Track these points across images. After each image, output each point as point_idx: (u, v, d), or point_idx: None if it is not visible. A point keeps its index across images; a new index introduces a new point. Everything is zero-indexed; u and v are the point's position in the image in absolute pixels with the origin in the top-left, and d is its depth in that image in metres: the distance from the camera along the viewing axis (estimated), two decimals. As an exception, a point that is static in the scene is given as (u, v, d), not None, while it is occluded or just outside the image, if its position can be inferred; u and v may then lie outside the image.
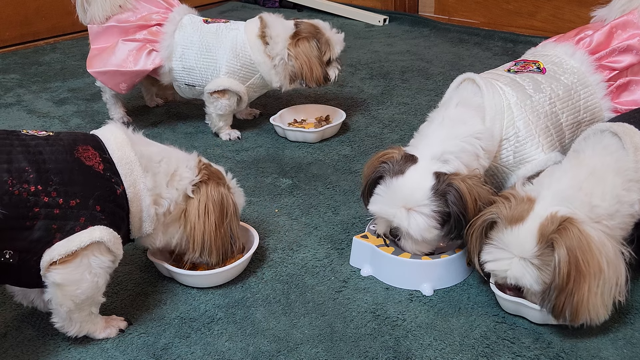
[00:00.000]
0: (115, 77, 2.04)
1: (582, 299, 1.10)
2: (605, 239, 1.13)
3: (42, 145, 1.13)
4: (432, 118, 1.43)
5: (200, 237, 1.29)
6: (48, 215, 1.08)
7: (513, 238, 1.16)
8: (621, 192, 1.20)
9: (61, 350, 1.22)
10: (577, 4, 2.94)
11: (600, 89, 1.50)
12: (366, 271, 1.41)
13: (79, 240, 1.10)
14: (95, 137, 1.23)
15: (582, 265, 1.09)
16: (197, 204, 1.28)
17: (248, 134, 2.15)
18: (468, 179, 1.28)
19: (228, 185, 1.36)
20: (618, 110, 1.48)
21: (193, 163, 1.31)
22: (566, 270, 1.10)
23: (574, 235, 1.10)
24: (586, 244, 1.10)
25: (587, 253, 1.10)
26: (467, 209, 1.26)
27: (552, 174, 1.25)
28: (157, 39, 2.03)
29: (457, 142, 1.33)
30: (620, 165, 1.22)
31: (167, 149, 1.33)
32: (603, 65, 1.50)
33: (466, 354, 1.17)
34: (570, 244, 1.10)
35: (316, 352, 1.19)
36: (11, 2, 3.18)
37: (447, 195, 1.27)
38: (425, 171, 1.30)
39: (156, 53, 2.03)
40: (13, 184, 1.06)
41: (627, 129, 1.26)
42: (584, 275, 1.09)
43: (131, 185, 1.19)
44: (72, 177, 1.12)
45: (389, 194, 1.31)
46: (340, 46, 2.07)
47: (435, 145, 1.33)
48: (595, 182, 1.19)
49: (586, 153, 1.27)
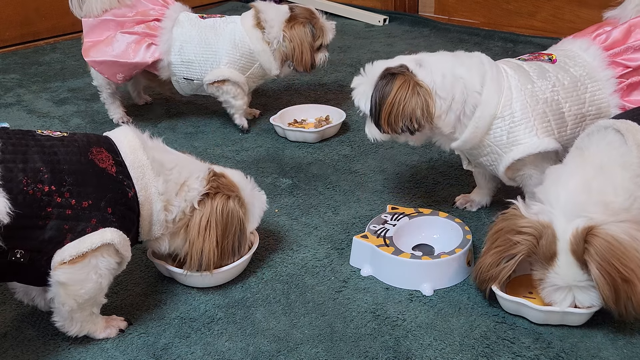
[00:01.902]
0: (113, 68, 2.04)
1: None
2: (632, 231, 1.11)
3: (57, 146, 1.14)
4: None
5: (197, 255, 1.28)
6: (60, 215, 1.09)
7: (561, 274, 1.16)
8: (632, 186, 1.18)
9: (61, 350, 1.22)
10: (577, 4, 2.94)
11: (610, 85, 1.49)
12: (366, 271, 1.41)
13: (90, 242, 1.11)
14: (108, 140, 1.23)
15: (624, 271, 1.09)
16: (199, 219, 1.27)
17: (248, 134, 2.15)
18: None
19: (240, 196, 1.33)
20: (626, 108, 1.47)
21: (203, 174, 1.30)
22: (607, 284, 1.10)
23: (601, 245, 1.09)
24: (617, 248, 1.09)
25: (622, 257, 1.09)
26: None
27: (558, 179, 1.22)
28: (156, 33, 2.05)
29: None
30: (625, 159, 1.21)
31: (182, 157, 1.32)
32: (616, 62, 1.49)
33: (466, 354, 1.18)
34: (600, 257, 1.09)
35: (316, 352, 1.19)
36: (11, 2, 3.18)
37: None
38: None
39: (155, 47, 2.04)
40: (28, 184, 1.07)
41: (630, 126, 1.26)
42: (631, 281, 1.09)
43: (142, 188, 1.20)
44: (85, 178, 1.13)
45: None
46: (332, 34, 2.13)
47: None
48: (604, 179, 1.18)
49: (590, 150, 1.26)
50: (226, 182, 1.33)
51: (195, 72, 2.08)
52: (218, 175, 1.33)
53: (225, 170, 1.37)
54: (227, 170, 1.37)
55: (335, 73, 2.71)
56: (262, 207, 1.40)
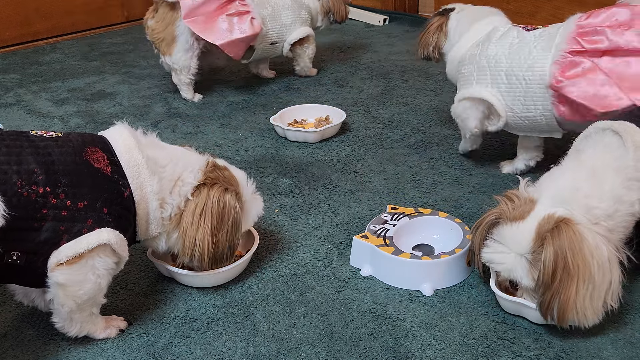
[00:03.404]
0: (238, 45, 2.32)
1: (569, 300, 1.11)
2: (600, 243, 1.13)
3: (51, 146, 1.13)
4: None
5: (191, 241, 1.26)
6: (56, 216, 1.09)
7: (512, 234, 1.18)
8: (621, 191, 1.20)
9: (61, 350, 1.22)
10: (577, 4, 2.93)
11: (556, 57, 1.52)
12: (366, 271, 1.41)
13: (87, 243, 1.10)
14: (103, 139, 1.22)
15: (571, 266, 1.10)
16: (194, 207, 1.26)
17: (248, 134, 2.15)
18: None
19: (238, 192, 1.32)
20: (559, 82, 1.50)
21: (199, 166, 1.29)
22: (552, 268, 1.11)
23: (567, 236, 1.11)
24: (578, 246, 1.11)
25: (578, 255, 1.10)
26: None
27: (552, 177, 1.26)
28: (249, 8, 2.31)
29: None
30: (620, 163, 1.22)
31: (177, 152, 1.30)
32: (577, 39, 1.50)
33: (466, 354, 1.18)
34: (561, 244, 1.11)
35: (316, 352, 1.19)
36: (11, 2, 3.18)
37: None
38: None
39: (254, 19, 2.31)
40: (22, 186, 1.06)
41: (628, 127, 1.27)
42: (572, 277, 1.11)
43: (138, 188, 1.19)
44: (80, 179, 1.13)
45: None
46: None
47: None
48: (594, 183, 1.20)
49: (587, 152, 1.28)
50: (227, 174, 1.31)
51: (281, 35, 2.46)
52: (220, 167, 1.32)
53: (229, 166, 1.36)
54: (231, 167, 1.36)
55: (335, 73, 2.71)
56: (258, 210, 1.39)
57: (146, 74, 2.79)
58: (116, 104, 2.45)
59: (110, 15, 3.58)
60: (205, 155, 1.34)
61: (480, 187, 1.75)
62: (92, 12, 3.50)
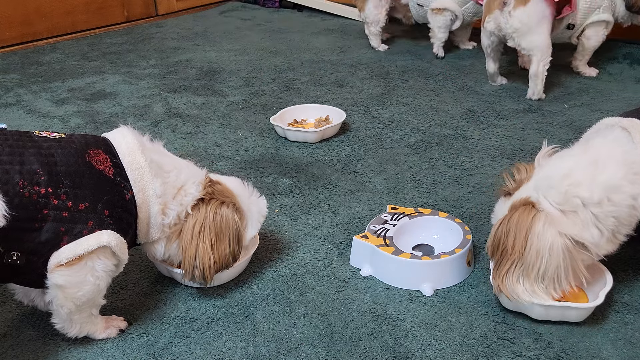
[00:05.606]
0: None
1: (502, 275, 1.21)
2: (549, 231, 1.17)
3: (54, 147, 1.13)
4: None
5: (191, 259, 1.26)
6: (56, 217, 1.09)
7: (497, 208, 1.31)
8: (621, 182, 1.19)
9: (61, 350, 1.22)
10: (577, 4, 2.93)
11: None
12: (366, 271, 1.41)
13: (87, 244, 1.10)
14: (106, 141, 1.22)
15: (509, 246, 1.20)
16: (193, 224, 1.26)
17: (248, 134, 2.15)
18: None
19: (235, 202, 1.32)
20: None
21: (200, 179, 1.29)
22: (495, 243, 1.23)
23: (518, 218, 1.20)
24: (522, 228, 1.19)
25: (517, 236, 1.19)
26: None
27: (557, 156, 1.30)
28: None
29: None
30: (627, 157, 1.22)
31: (180, 162, 1.31)
32: None
33: (466, 354, 1.18)
34: (509, 224, 1.21)
35: (316, 352, 1.19)
36: (11, 2, 3.18)
37: None
38: None
39: None
40: (24, 186, 1.06)
41: (636, 124, 1.27)
42: (505, 255, 1.21)
43: (140, 190, 1.19)
44: (82, 180, 1.12)
45: None
46: None
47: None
48: (590, 172, 1.20)
49: (594, 143, 1.29)
50: (221, 188, 1.32)
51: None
52: (214, 182, 1.32)
53: (221, 177, 1.36)
54: (222, 178, 1.36)
55: (335, 73, 2.71)
56: (261, 212, 1.38)
57: (146, 74, 2.79)
58: (116, 104, 2.45)
59: (110, 15, 3.58)
60: (203, 170, 1.35)
61: (480, 187, 1.75)
62: (92, 12, 3.50)
